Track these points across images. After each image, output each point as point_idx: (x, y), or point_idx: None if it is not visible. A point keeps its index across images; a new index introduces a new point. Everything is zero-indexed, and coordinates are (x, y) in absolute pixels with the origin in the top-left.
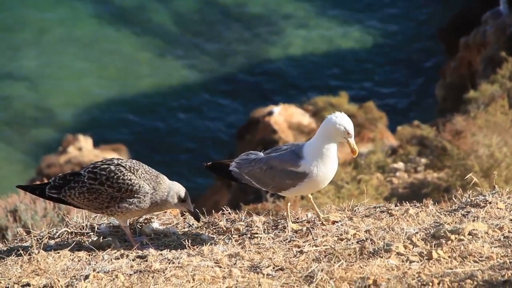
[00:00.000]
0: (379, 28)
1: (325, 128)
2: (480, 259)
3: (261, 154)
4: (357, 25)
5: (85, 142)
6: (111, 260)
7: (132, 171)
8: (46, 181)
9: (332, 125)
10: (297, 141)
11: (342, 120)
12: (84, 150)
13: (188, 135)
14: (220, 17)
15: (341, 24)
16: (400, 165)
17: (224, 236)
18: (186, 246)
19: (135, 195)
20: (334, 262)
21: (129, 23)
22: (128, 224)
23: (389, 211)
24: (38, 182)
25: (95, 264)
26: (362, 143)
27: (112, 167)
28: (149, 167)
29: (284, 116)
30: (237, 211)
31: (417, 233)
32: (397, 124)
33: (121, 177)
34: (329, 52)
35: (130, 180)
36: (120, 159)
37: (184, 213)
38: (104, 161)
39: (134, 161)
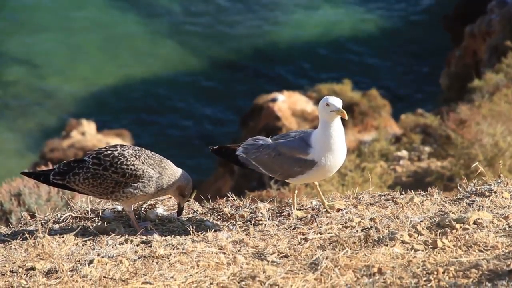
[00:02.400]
0: (384, 15)
1: (319, 111)
2: (485, 248)
3: (269, 139)
4: (362, 11)
5: (88, 126)
6: (115, 245)
7: (135, 156)
8: (49, 165)
9: (321, 104)
10: (301, 128)
11: (328, 97)
12: (87, 134)
13: (191, 120)
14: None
15: (346, 9)
16: (403, 153)
17: (229, 223)
18: (191, 232)
19: (140, 180)
20: (339, 250)
21: (133, 7)
22: (132, 209)
23: (394, 200)
24: (43, 168)
25: (99, 249)
26: (365, 131)
27: (116, 153)
28: (153, 152)
29: (287, 103)
30: (242, 198)
31: (422, 221)
32: (400, 112)
33: (124, 163)
34: (333, 39)
35: (134, 165)
36: (123, 145)
37: (177, 202)
38: (107, 147)
39: (136, 147)
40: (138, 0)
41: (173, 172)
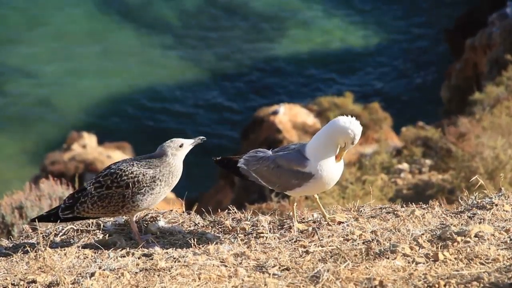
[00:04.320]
0: (384, 28)
1: (333, 130)
2: (487, 261)
3: (270, 152)
4: (362, 24)
5: (89, 139)
6: (116, 258)
7: (131, 165)
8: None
9: (342, 129)
10: (302, 140)
11: (354, 126)
12: (88, 147)
13: (192, 132)
14: (224, 14)
15: (346, 22)
16: (404, 166)
17: (230, 235)
18: (192, 244)
19: (145, 184)
20: (340, 263)
21: (133, 20)
22: (135, 219)
23: (395, 212)
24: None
25: (100, 262)
26: (366, 144)
27: (112, 170)
28: (139, 156)
29: (288, 116)
30: (243, 211)
31: (423, 234)
32: (401, 125)
33: (124, 175)
34: (334, 52)
35: (132, 172)
36: (116, 162)
37: (198, 143)
38: (102, 170)
39: (127, 158)
40: (138, 13)
41: (158, 153)
